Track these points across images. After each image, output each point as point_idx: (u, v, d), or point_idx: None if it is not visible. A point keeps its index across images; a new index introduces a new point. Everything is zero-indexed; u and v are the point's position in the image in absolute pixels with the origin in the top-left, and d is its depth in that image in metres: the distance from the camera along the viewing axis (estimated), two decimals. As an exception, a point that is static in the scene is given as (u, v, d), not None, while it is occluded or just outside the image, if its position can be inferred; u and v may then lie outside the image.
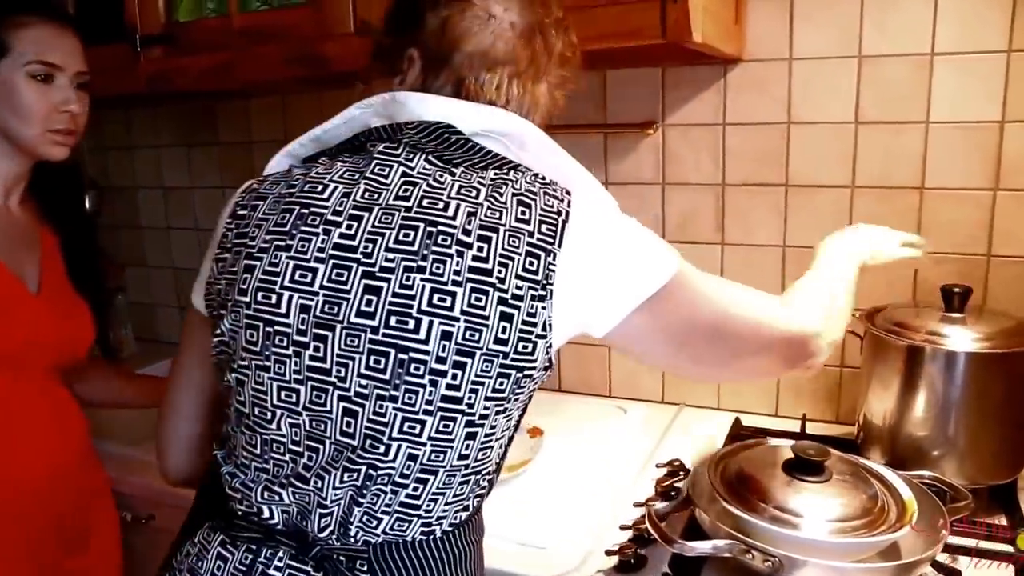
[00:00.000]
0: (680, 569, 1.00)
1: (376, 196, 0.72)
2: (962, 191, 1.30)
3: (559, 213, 0.71)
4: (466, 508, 0.76)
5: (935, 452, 1.12)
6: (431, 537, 0.74)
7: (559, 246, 0.69)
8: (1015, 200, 1.27)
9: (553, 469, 1.28)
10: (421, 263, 0.68)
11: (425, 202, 0.70)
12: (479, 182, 0.72)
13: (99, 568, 1.28)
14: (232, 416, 0.76)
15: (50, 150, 1.17)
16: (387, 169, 0.74)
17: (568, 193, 0.73)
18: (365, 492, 0.70)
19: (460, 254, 0.67)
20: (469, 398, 0.68)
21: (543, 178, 0.75)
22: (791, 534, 0.91)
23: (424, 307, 0.67)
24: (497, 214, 0.70)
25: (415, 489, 0.71)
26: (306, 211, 0.72)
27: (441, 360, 0.67)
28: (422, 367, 0.67)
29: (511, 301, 0.67)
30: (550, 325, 0.68)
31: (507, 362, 0.68)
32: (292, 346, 0.70)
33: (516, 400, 0.72)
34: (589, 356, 1.61)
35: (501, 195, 0.71)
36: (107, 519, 1.30)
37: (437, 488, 0.72)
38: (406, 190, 0.72)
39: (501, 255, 0.68)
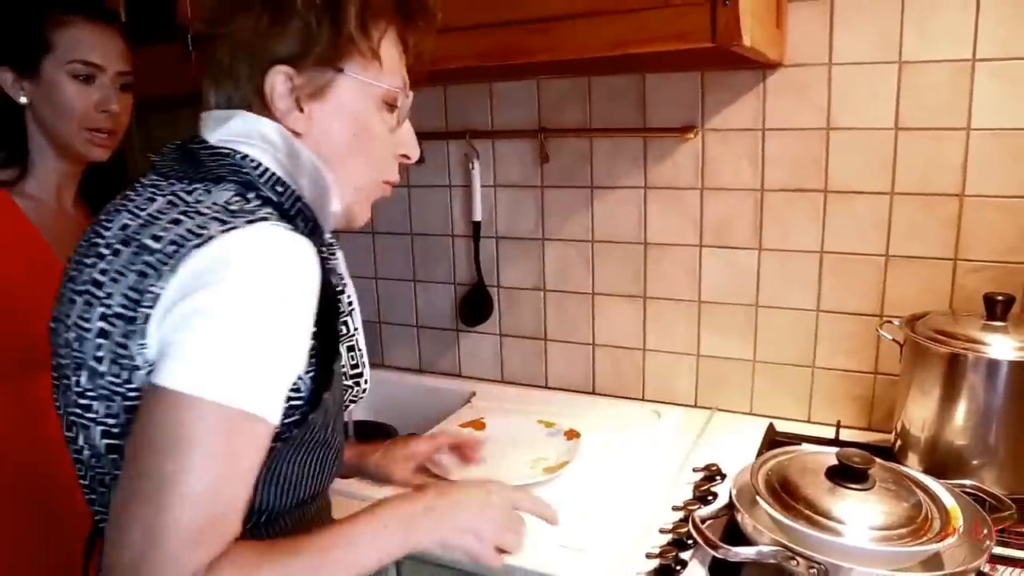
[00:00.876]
0: (720, 574, 1.00)
1: (105, 215, 0.74)
2: (1002, 199, 1.29)
3: (199, 235, 0.64)
4: None
5: (975, 461, 1.12)
6: None
7: (172, 270, 0.63)
8: (1057, 208, 1.27)
9: (590, 472, 1.29)
10: (72, 272, 0.72)
11: (111, 214, 0.73)
12: (165, 196, 0.71)
13: None
14: None
15: (90, 150, 1.19)
16: (131, 190, 0.76)
17: (248, 224, 0.65)
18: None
19: (93, 264, 0.69)
20: (96, 408, 0.68)
21: (244, 201, 0.70)
22: (835, 541, 0.91)
23: (59, 314, 0.72)
24: (143, 228, 0.68)
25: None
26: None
27: (66, 366, 0.70)
28: (61, 369, 0.72)
29: (111, 319, 0.65)
30: (143, 358, 0.64)
31: (103, 383, 0.66)
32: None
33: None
34: (622, 359, 1.62)
35: (165, 211, 0.68)
36: None
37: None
38: (115, 205, 0.74)
39: (117, 271, 0.66)
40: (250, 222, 0.65)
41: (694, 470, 1.26)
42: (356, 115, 0.77)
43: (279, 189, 0.74)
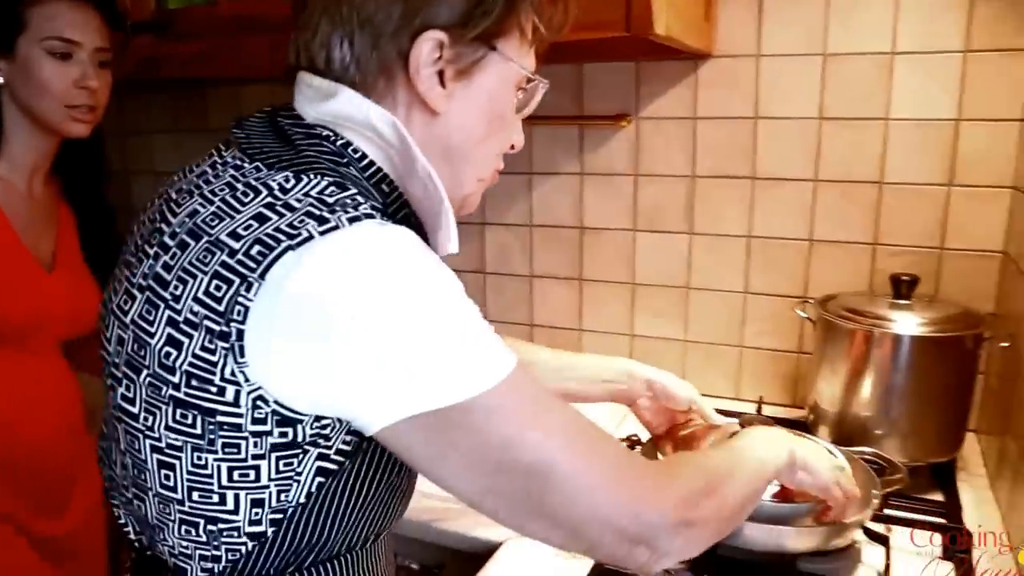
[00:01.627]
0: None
1: (172, 185, 0.66)
2: (918, 186, 1.35)
3: (294, 236, 0.54)
4: (215, 559, 0.62)
5: (878, 431, 1.18)
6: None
7: (261, 276, 0.53)
8: (968, 196, 1.32)
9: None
10: (131, 258, 0.62)
11: (182, 195, 0.62)
12: (246, 182, 0.60)
13: (75, 537, 1.29)
14: None
15: (71, 127, 1.18)
16: (204, 160, 0.66)
17: (351, 221, 0.55)
18: (115, 497, 0.69)
19: (156, 257, 0.59)
20: (146, 419, 0.59)
21: (342, 191, 0.59)
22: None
23: (113, 307, 0.62)
24: (217, 220, 0.57)
25: (139, 506, 0.64)
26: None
27: (115, 366, 0.62)
28: (107, 367, 0.63)
29: (182, 325, 0.55)
30: (244, 375, 0.54)
31: (180, 395, 0.56)
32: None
33: (231, 447, 0.57)
34: (559, 339, 1.67)
35: (244, 202, 0.58)
36: (91, 492, 1.31)
37: (157, 513, 0.62)
38: (190, 182, 0.64)
39: (183, 269, 0.56)
40: (352, 219, 0.55)
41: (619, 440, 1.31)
42: (496, 100, 0.67)
43: (385, 188, 0.64)
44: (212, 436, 0.56)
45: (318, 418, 0.57)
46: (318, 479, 0.60)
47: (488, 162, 0.71)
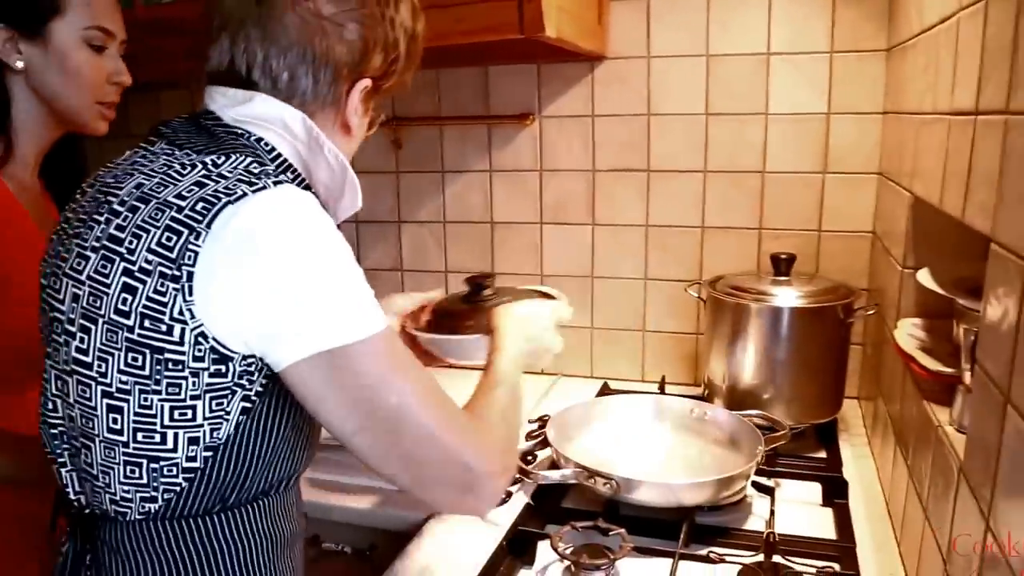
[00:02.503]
0: (540, 499, 1.12)
1: (104, 175, 0.75)
2: (796, 174, 1.47)
3: (230, 194, 0.65)
4: (155, 500, 0.69)
5: (766, 397, 1.28)
6: (130, 518, 0.70)
7: (208, 226, 0.64)
8: (840, 182, 1.45)
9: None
10: (80, 229, 0.71)
11: (122, 176, 0.71)
12: (180, 162, 0.70)
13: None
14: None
15: (97, 124, 1.10)
16: (132, 153, 0.76)
17: (275, 184, 0.67)
18: (57, 450, 0.74)
19: (108, 221, 0.68)
20: (99, 366, 0.67)
21: (262, 166, 0.70)
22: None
23: (66, 269, 0.70)
24: (161, 188, 0.68)
25: (86, 456, 0.70)
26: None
27: (71, 321, 0.69)
28: (59, 325, 0.70)
29: (136, 273, 0.65)
30: (191, 311, 0.64)
31: (133, 336, 0.65)
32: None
33: (174, 386, 0.66)
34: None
35: (183, 173, 0.69)
36: None
37: (102, 459, 0.69)
38: (124, 169, 0.73)
39: (137, 226, 0.66)
40: (276, 183, 0.67)
41: (528, 421, 1.38)
42: (361, 122, 0.84)
43: (289, 175, 0.75)
44: (158, 376, 0.65)
45: (244, 357, 0.66)
46: (240, 417, 0.69)
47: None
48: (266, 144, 0.74)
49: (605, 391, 1.53)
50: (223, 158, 0.70)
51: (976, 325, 0.71)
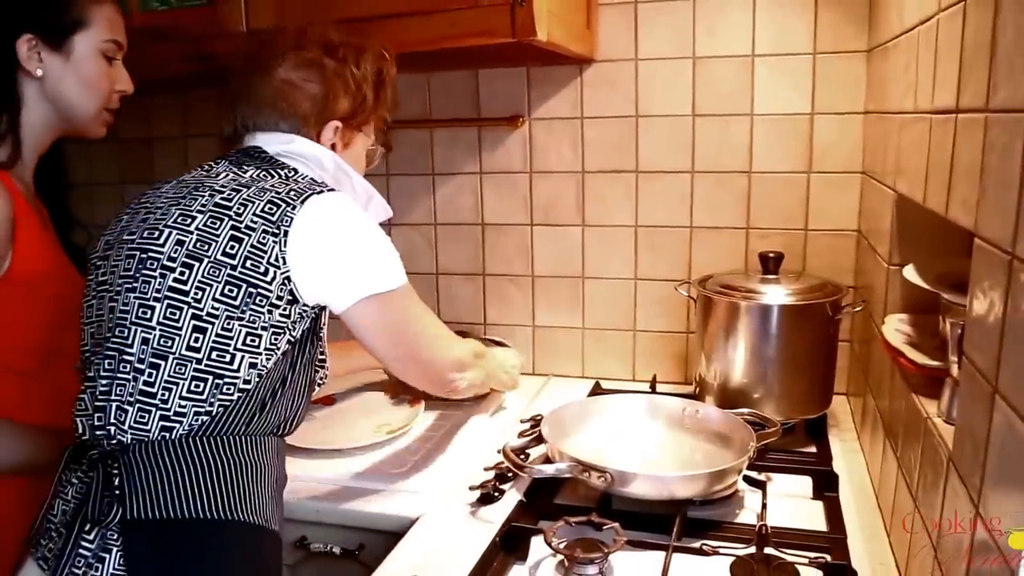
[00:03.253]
0: (533, 496, 1.13)
1: (196, 174, 0.99)
2: (782, 174, 1.49)
3: (307, 190, 0.92)
4: (208, 413, 0.86)
5: (756, 394, 1.29)
6: (171, 437, 0.85)
7: (299, 206, 0.90)
8: (825, 182, 1.47)
9: (430, 431, 1.40)
10: (182, 200, 0.93)
11: (210, 176, 0.97)
12: (254, 172, 0.97)
13: None
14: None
15: (100, 129, 1.17)
16: (207, 166, 1.01)
17: (330, 190, 0.95)
18: (114, 382, 0.86)
19: (210, 196, 0.92)
20: (195, 294, 0.86)
21: (312, 180, 0.99)
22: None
23: (168, 222, 0.90)
24: (253, 182, 0.94)
25: (150, 376, 0.85)
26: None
27: (171, 259, 0.88)
28: (155, 263, 0.88)
29: (243, 229, 0.88)
30: (284, 259, 0.88)
31: (235, 274, 0.86)
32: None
33: (256, 315, 0.87)
34: (465, 332, 1.73)
35: (265, 177, 0.97)
36: None
37: (169, 375, 0.85)
38: (207, 172, 0.99)
39: (242, 202, 0.90)
40: (331, 190, 0.96)
41: (521, 421, 1.38)
42: (358, 157, 1.14)
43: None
44: (244, 307, 0.87)
45: (306, 305, 0.91)
46: (280, 355, 0.90)
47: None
48: (300, 174, 1.01)
49: (597, 391, 1.54)
50: (289, 172, 0.99)
51: (962, 318, 0.72)
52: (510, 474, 1.18)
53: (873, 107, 1.34)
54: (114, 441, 0.85)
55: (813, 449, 1.29)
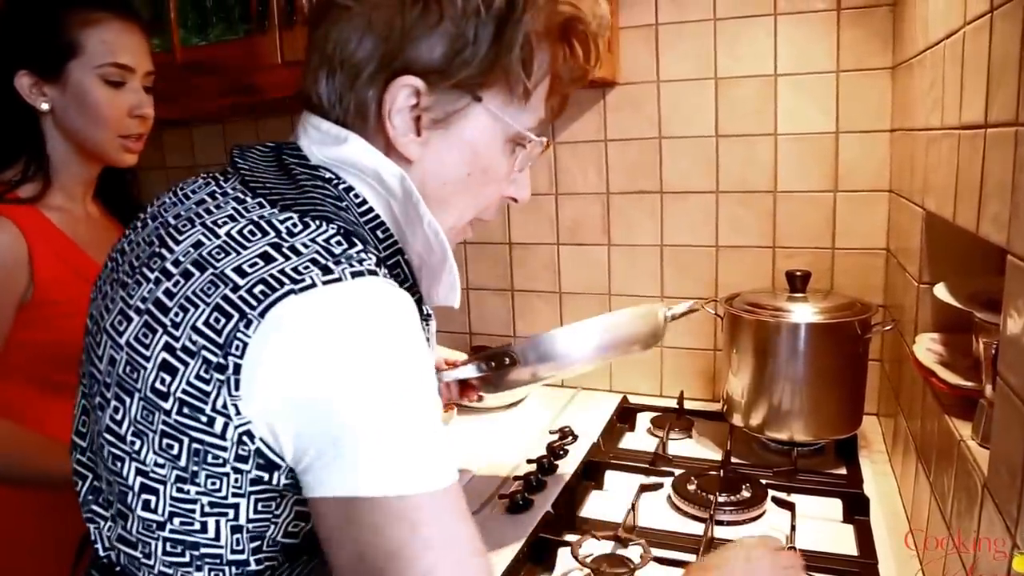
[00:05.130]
0: (559, 506, 1.10)
1: (169, 209, 0.63)
2: (807, 193, 1.44)
3: (298, 282, 0.52)
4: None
5: (783, 413, 1.24)
6: None
7: (261, 315, 0.52)
8: (851, 200, 1.42)
9: (462, 440, 1.39)
10: (128, 279, 0.59)
11: (183, 222, 0.60)
12: (251, 218, 0.58)
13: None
14: None
15: (121, 157, 1.10)
16: (202, 186, 0.64)
17: (354, 276, 0.53)
18: (91, 508, 0.64)
19: (158, 282, 0.56)
20: (133, 443, 0.56)
21: (347, 244, 0.57)
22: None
23: (106, 325, 0.59)
24: (222, 254, 0.55)
25: (124, 524, 0.60)
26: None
27: (106, 385, 0.58)
28: (95, 385, 0.60)
29: (178, 352, 0.54)
30: (236, 408, 0.52)
31: (170, 421, 0.54)
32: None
33: (214, 479, 0.55)
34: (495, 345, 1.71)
35: (250, 239, 0.56)
36: None
37: (139, 532, 0.59)
38: (188, 209, 0.61)
39: (186, 298, 0.54)
40: (356, 274, 0.54)
41: (550, 432, 1.36)
42: (478, 153, 0.64)
43: (379, 235, 0.62)
44: (195, 468, 0.55)
45: (291, 468, 0.55)
46: (295, 521, 0.58)
47: (465, 214, 0.68)
48: (356, 195, 0.61)
49: (624, 404, 1.51)
50: (302, 225, 0.57)
51: (996, 338, 0.68)
52: (536, 482, 1.17)
53: (899, 124, 1.29)
54: (115, 567, 0.62)
55: (843, 471, 1.23)
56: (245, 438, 0.53)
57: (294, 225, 0.57)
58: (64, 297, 1.05)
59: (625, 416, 1.48)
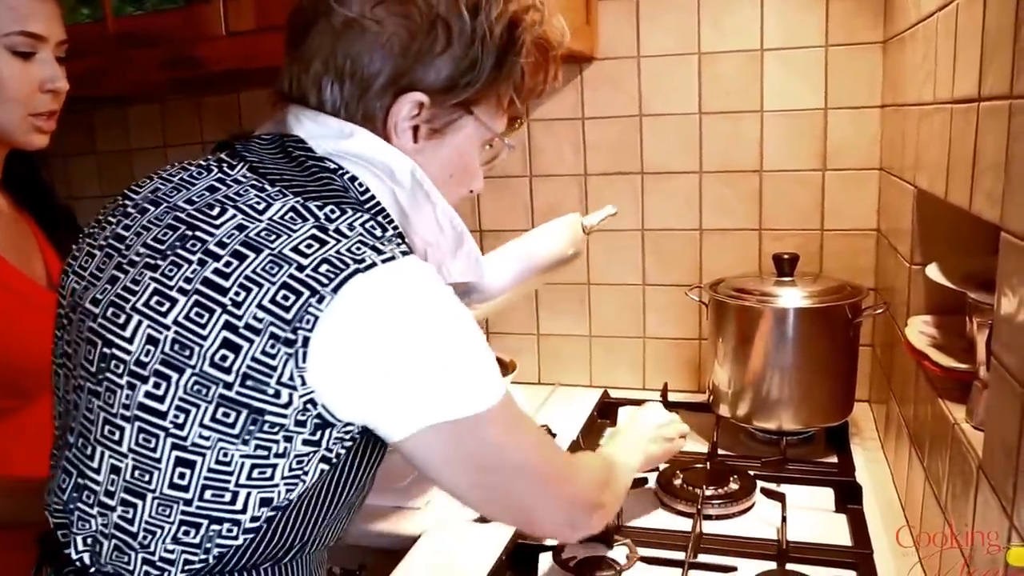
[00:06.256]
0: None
1: (173, 194, 0.70)
2: (795, 172, 1.48)
3: (360, 261, 0.61)
4: (203, 560, 0.65)
5: (772, 402, 1.28)
6: None
7: (334, 291, 0.60)
8: (840, 180, 1.46)
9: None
10: (159, 262, 0.64)
11: (206, 206, 0.67)
12: (286, 203, 0.66)
13: None
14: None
15: (31, 138, 1.03)
16: (204, 172, 0.71)
17: (402, 255, 0.63)
18: (77, 507, 0.67)
19: (202, 263, 0.63)
20: (176, 416, 0.61)
21: (380, 229, 0.67)
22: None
23: (138, 305, 0.63)
24: (272, 236, 0.63)
25: (125, 512, 0.64)
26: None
27: (140, 364, 0.62)
28: (121, 366, 0.63)
29: (242, 330, 0.60)
30: (303, 379, 0.60)
31: (231, 394, 0.61)
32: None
33: (265, 445, 0.62)
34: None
35: (295, 223, 0.64)
36: None
37: (150, 517, 0.64)
38: (202, 194, 0.68)
39: (247, 277, 0.61)
40: (404, 253, 0.64)
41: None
42: (462, 156, 0.76)
43: (384, 223, 0.70)
44: (247, 436, 0.62)
45: (346, 424, 0.64)
46: (315, 478, 0.66)
47: None
48: (360, 184, 0.70)
49: (605, 399, 1.53)
50: (335, 211, 0.66)
51: (990, 318, 0.71)
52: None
53: (890, 100, 1.33)
54: (89, 570, 0.67)
55: (834, 459, 1.28)
56: (308, 405, 0.62)
57: (332, 211, 0.66)
58: None
59: (606, 411, 1.51)
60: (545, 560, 1.00)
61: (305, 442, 0.63)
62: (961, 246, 1.00)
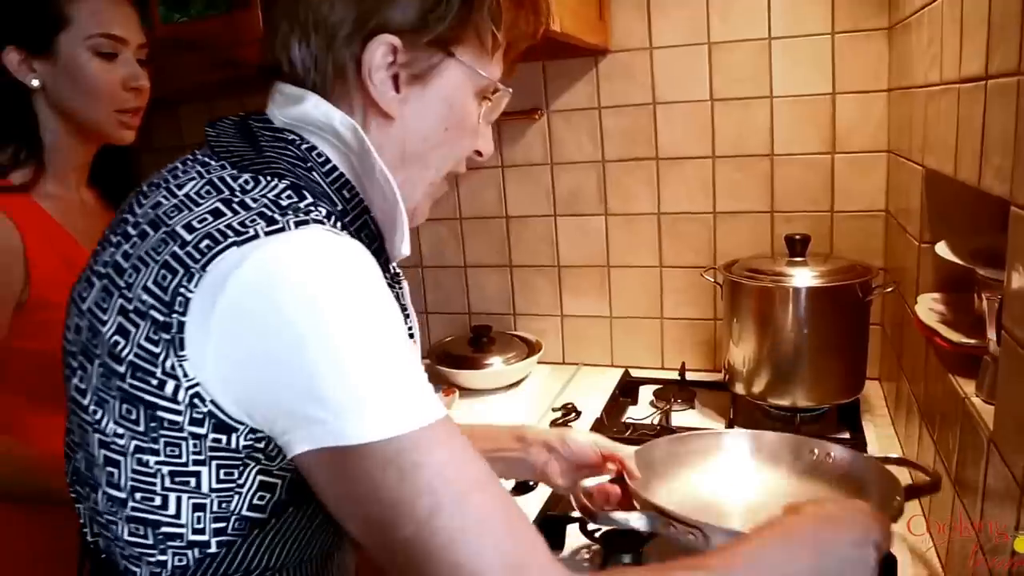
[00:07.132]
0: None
1: (152, 192, 0.62)
2: (805, 156, 1.44)
3: (241, 234, 0.52)
4: (162, 563, 0.57)
5: (788, 381, 1.25)
6: None
7: (203, 268, 0.51)
8: (849, 162, 1.42)
9: (465, 419, 1.37)
10: (99, 247, 0.61)
11: (150, 187, 0.62)
12: (209, 179, 0.58)
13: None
14: None
15: (120, 133, 1.05)
16: (179, 161, 0.65)
17: (297, 225, 0.53)
18: (75, 488, 0.63)
19: (118, 245, 0.58)
20: (95, 411, 0.55)
21: (297, 196, 0.58)
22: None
23: (74, 294, 0.61)
24: (175, 213, 0.56)
25: (94, 501, 0.59)
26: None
27: (72, 355, 0.59)
28: (68, 356, 0.60)
29: (132, 314, 0.53)
30: (184, 370, 0.51)
31: (125, 387, 0.53)
32: None
33: (173, 446, 0.53)
34: (495, 324, 1.70)
35: (204, 197, 0.56)
36: None
37: (106, 510, 0.58)
38: (159, 175, 0.63)
39: (139, 258, 0.54)
40: (300, 223, 0.53)
41: (553, 409, 1.36)
42: (453, 106, 0.65)
43: (346, 195, 0.62)
44: (154, 435, 0.53)
45: (252, 430, 0.53)
46: (260, 493, 0.56)
47: (442, 168, 0.69)
48: (319, 155, 0.62)
49: (626, 378, 1.51)
50: (255, 181, 0.57)
51: (999, 293, 0.68)
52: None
53: (896, 84, 1.28)
54: (101, 554, 0.62)
55: (847, 435, 1.25)
56: (196, 400, 0.52)
57: (246, 182, 0.58)
58: (62, 299, 0.98)
59: (627, 390, 1.49)
60: (573, 531, 0.99)
61: (216, 446, 0.53)
62: (968, 225, 0.97)
